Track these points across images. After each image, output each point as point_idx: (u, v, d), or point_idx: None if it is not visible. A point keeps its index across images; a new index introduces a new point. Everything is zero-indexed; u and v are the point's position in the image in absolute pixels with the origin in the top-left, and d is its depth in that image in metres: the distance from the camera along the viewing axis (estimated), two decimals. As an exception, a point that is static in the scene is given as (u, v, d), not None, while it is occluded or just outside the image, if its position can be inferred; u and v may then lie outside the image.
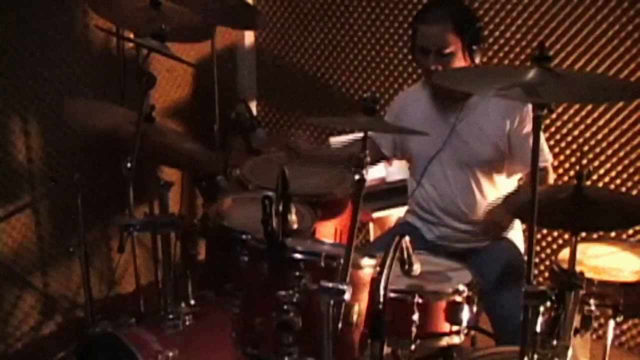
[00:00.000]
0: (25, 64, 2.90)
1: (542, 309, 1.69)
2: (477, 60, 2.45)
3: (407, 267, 1.86)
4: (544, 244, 3.16)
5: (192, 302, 2.26)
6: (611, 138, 2.92)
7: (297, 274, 1.74)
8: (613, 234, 2.71)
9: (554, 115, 2.98)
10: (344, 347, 1.81)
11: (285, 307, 1.71)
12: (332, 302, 1.67)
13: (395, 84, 3.50)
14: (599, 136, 2.94)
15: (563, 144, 3.03)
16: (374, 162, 2.87)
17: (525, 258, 1.68)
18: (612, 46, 2.84)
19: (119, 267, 3.25)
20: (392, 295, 1.86)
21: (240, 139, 3.24)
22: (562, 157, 3.04)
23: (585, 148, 2.96)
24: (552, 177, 2.62)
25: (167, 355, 2.03)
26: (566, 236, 3.01)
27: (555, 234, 3.13)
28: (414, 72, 3.42)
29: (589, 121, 2.96)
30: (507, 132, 2.47)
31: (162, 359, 2.02)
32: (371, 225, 3.35)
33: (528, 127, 2.41)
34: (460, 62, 2.41)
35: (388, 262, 1.71)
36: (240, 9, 3.25)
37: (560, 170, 3.06)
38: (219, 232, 2.22)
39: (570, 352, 1.89)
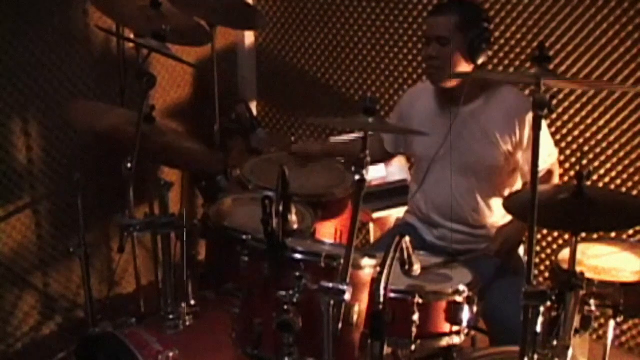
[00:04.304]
0: (25, 64, 2.90)
1: (542, 309, 1.69)
2: (479, 62, 2.43)
3: (407, 267, 1.86)
4: (544, 244, 3.16)
5: (192, 302, 2.26)
6: (611, 138, 2.92)
7: (297, 274, 1.74)
8: (613, 234, 2.71)
9: (554, 115, 2.98)
10: (344, 347, 1.81)
11: (285, 307, 1.71)
12: (332, 302, 1.68)
13: (395, 84, 3.50)
14: (599, 136, 2.94)
15: (563, 144, 3.03)
16: (377, 159, 2.87)
17: (525, 258, 1.68)
18: (612, 46, 2.83)
19: (119, 267, 3.25)
20: (392, 295, 1.86)
21: (240, 139, 3.25)
22: (562, 157, 3.04)
23: (585, 148, 2.96)
24: (556, 178, 2.60)
25: (167, 355, 2.03)
26: (566, 236, 3.00)
27: (555, 234, 3.13)
28: (414, 72, 3.42)
29: (589, 121, 2.96)
30: (517, 134, 2.43)
31: (162, 359, 2.02)
32: (371, 225, 3.35)
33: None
34: (460, 61, 2.40)
35: (388, 262, 1.71)
36: (240, 9, 3.25)
37: (560, 170, 3.06)
38: (219, 232, 2.22)
39: (570, 352, 1.89)
